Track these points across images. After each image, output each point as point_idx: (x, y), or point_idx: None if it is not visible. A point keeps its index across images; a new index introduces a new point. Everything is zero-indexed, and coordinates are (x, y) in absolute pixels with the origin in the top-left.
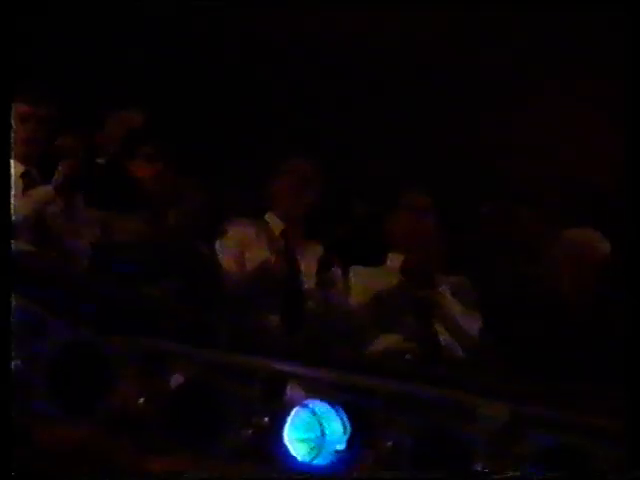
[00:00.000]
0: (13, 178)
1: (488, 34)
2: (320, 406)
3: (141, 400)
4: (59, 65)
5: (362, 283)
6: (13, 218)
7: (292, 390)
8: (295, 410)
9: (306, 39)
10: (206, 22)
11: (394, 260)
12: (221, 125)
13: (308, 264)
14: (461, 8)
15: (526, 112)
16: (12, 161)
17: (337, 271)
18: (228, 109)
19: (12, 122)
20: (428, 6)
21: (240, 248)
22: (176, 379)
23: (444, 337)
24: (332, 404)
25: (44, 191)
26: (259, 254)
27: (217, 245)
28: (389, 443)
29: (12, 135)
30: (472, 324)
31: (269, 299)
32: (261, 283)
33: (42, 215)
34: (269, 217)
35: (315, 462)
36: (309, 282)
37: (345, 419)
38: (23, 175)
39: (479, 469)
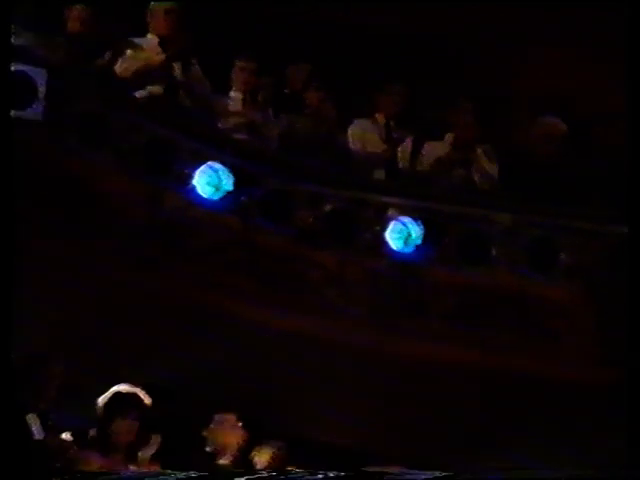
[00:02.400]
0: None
1: None
2: (408, 220)
3: (310, 220)
4: (262, 35)
5: (431, 152)
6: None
7: (392, 212)
8: (393, 222)
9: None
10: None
11: (449, 137)
12: (353, 67)
13: (401, 143)
14: None
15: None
16: (233, 93)
17: (414, 145)
18: (357, 59)
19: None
20: None
21: (361, 135)
22: (327, 207)
23: (478, 179)
24: (415, 219)
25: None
26: (373, 139)
27: (349, 133)
28: (446, 240)
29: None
30: (494, 171)
31: (378, 163)
32: (371, 155)
33: (252, 122)
34: (378, 117)
35: (405, 251)
36: (401, 153)
37: (421, 227)
38: (242, 100)
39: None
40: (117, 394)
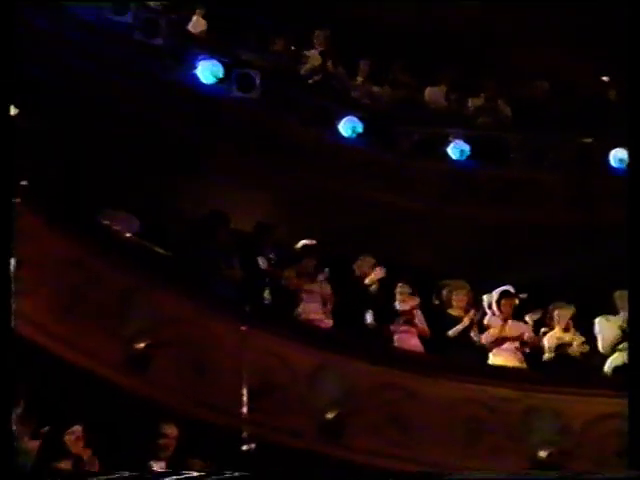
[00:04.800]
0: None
1: None
2: (461, 142)
3: (406, 145)
4: None
5: (472, 104)
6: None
7: (451, 138)
8: (452, 143)
9: None
10: None
11: (483, 96)
12: (427, 58)
13: (455, 100)
14: None
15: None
16: (359, 77)
17: (462, 101)
18: (429, 52)
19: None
20: None
21: (432, 96)
22: (415, 137)
23: (500, 117)
24: (465, 141)
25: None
26: (438, 98)
27: (425, 96)
28: (483, 152)
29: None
30: (509, 112)
31: (442, 111)
32: (438, 107)
33: (371, 92)
34: (441, 86)
35: (460, 159)
36: (455, 105)
37: (469, 146)
38: (365, 81)
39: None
40: (304, 245)
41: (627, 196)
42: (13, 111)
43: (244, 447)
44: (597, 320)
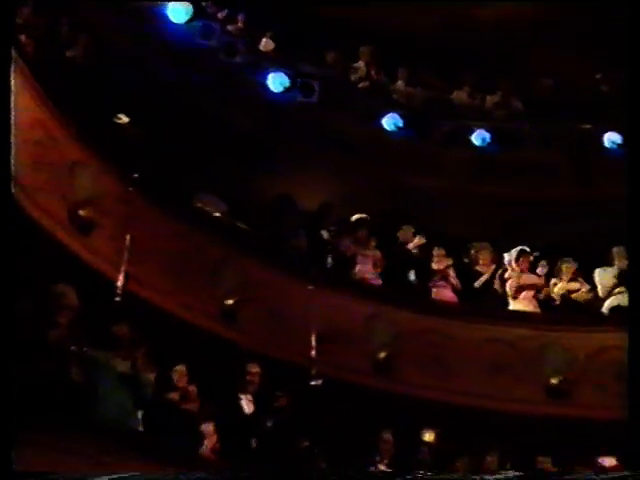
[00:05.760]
0: None
1: None
2: (482, 131)
3: (438, 135)
4: None
5: (490, 101)
6: None
7: (475, 127)
8: (476, 132)
9: None
10: None
11: (499, 93)
12: (451, 64)
13: (475, 99)
14: None
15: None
16: (399, 82)
17: (481, 99)
18: (451, 59)
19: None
20: None
21: (457, 98)
22: (445, 129)
23: (513, 110)
24: (486, 130)
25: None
26: (462, 98)
27: (452, 96)
28: (501, 138)
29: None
30: (520, 106)
31: (465, 108)
32: (462, 105)
33: (409, 93)
34: (464, 89)
35: (483, 145)
36: (476, 102)
37: (489, 135)
38: (405, 85)
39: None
40: (358, 218)
41: (626, 170)
42: (125, 119)
43: (313, 382)
44: (596, 271)
